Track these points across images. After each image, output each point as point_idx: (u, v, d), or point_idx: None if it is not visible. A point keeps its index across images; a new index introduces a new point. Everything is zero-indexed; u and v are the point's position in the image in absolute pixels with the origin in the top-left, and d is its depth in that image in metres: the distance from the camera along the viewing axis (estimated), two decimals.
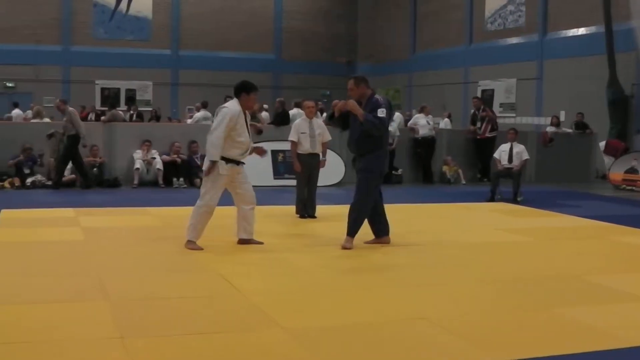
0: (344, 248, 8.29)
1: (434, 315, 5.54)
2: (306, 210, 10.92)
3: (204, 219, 8.16)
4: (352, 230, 8.39)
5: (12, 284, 6.37)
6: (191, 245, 8.11)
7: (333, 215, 10.63)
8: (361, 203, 8.38)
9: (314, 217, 10.77)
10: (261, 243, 8.49)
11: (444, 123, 22.06)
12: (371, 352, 4.72)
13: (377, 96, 8.36)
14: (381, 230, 8.72)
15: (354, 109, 8.23)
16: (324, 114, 16.32)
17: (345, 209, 8.64)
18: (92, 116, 22.61)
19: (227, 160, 8.09)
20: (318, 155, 11.08)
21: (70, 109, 15.26)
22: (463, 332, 5.15)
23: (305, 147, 10.96)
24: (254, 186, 8.44)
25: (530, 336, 5.13)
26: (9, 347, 4.67)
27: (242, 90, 8.21)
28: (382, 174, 8.54)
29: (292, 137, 11.08)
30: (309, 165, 10.97)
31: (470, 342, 4.96)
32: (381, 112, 8.12)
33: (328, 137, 11.28)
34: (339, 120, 8.59)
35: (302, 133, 11.00)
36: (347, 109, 8.29)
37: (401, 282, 6.90)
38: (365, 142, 8.28)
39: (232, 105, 8.14)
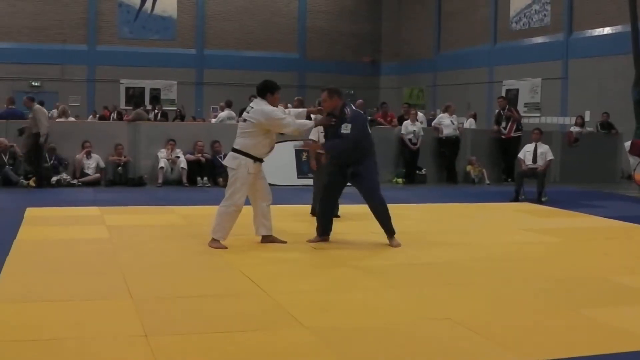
0: (395, 246, 8.44)
1: (458, 316, 5.50)
2: None
3: (232, 218, 8.19)
4: (388, 230, 8.52)
5: (38, 282, 6.43)
6: (215, 244, 8.12)
7: (357, 215, 10.60)
8: (378, 204, 8.51)
9: (338, 216, 10.69)
10: (284, 242, 8.50)
11: (469, 123, 21.91)
12: (395, 352, 4.70)
13: (346, 108, 8.46)
14: (328, 229, 8.81)
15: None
16: None
17: (368, 209, 8.67)
18: (114, 115, 22.73)
19: (255, 158, 8.13)
20: None
21: (37, 106, 14.97)
22: (488, 333, 5.12)
23: None
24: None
25: (557, 337, 5.09)
26: (36, 344, 4.71)
27: (267, 90, 8.22)
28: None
29: (313, 136, 11.01)
30: None
31: (496, 343, 4.93)
32: (344, 128, 8.29)
33: None
34: None
35: (322, 132, 10.95)
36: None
37: (425, 282, 6.87)
38: (355, 151, 8.40)
39: (264, 105, 8.17)
